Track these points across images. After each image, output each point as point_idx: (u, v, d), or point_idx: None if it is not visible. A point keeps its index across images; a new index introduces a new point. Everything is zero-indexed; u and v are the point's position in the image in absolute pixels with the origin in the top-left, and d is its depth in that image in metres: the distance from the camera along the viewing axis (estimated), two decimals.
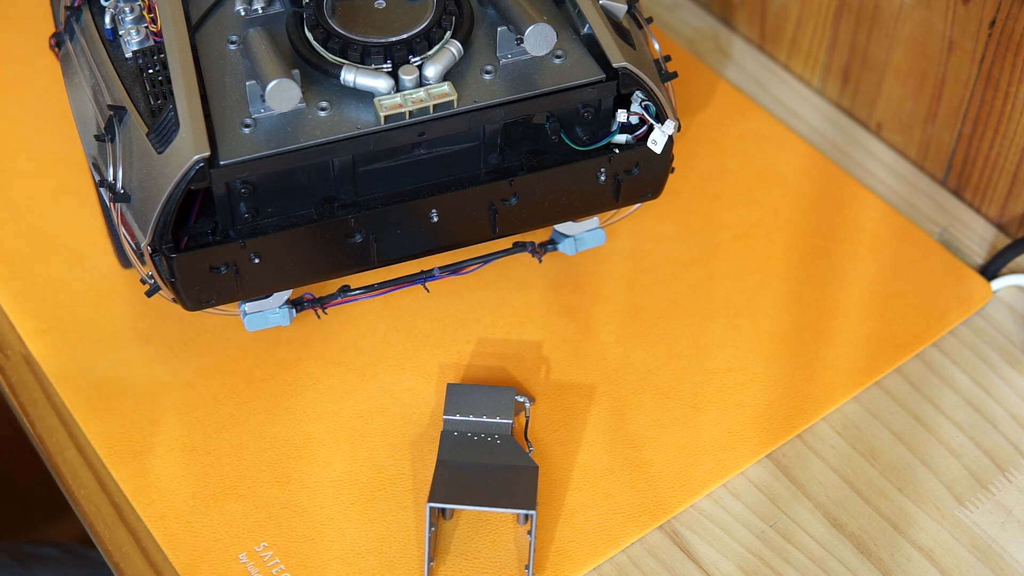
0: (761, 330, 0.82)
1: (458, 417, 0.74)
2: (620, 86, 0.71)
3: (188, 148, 0.65)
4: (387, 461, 0.75)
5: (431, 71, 0.69)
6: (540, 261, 0.83)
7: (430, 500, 0.69)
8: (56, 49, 0.77)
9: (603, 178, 0.74)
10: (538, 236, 0.81)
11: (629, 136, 0.74)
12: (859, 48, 0.93)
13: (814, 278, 0.85)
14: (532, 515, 0.69)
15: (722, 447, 0.76)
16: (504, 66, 0.71)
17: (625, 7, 0.75)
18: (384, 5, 0.72)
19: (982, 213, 0.90)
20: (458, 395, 0.75)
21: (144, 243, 0.67)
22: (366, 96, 0.69)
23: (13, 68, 0.95)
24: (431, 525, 0.69)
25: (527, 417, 0.76)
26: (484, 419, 0.73)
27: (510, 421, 0.73)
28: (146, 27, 0.72)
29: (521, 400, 0.76)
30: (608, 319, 0.82)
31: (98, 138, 0.70)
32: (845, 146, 0.94)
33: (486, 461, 0.72)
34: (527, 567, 0.70)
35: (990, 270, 0.86)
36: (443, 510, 0.71)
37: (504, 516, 0.72)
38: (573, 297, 0.83)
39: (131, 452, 0.74)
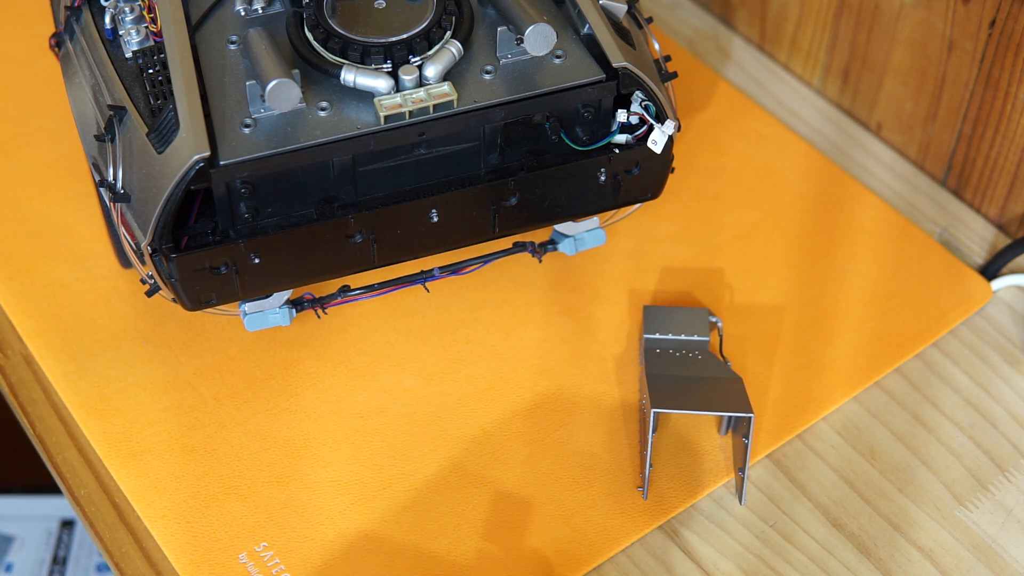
0: (761, 330, 0.82)
1: (657, 336, 0.78)
2: (620, 86, 0.71)
3: (188, 148, 0.65)
4: (387, 461, 0.75)
5: (431, 71, 0.69)
6: (540, 261, 0.83)
7: (654, 406, 0.72)
8: (56, 49, 0.77)
9: (603, 178, 0.74)
10: (538, 236, 0.81)
11: (629, 136, 0.74)
12: (859, 48, 0.93)
13: (814, 278, 0.85)
14: (751, 418, 0.72)
15: (722, 447, 0.76)
16: (504, 66, 0.71)
17: (625, 7, 0.75)
18: (384, 5, 0.72)
19: (982, 213, 0.90)
20: (654, 316, 0.79)
21: (144, 243, 0.67)
22: (366, 96, 0.69)
23: (13, 68, 0.95)
24: (653, 430, 0.72)
25: (720, 336, 0.80)
26: (683, 337, 0.77)
27: (707, 338, 0.78)
28: (146, 27, 0.72)
29: (714, 320, 0.79)
30: (608, 319, 0.82)
31: (98, 138, 0.70)
32: (845, 146, 0.94)
33: (692, 374, 0.75)
34: (741, 469, 0.73)
35: (990, 270, 0.86)
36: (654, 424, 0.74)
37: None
38: (573, 297, 0.83)
39: (131, 452, 0.74)
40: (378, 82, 0.68)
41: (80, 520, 0.74)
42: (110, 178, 0.69)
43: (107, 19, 0.73)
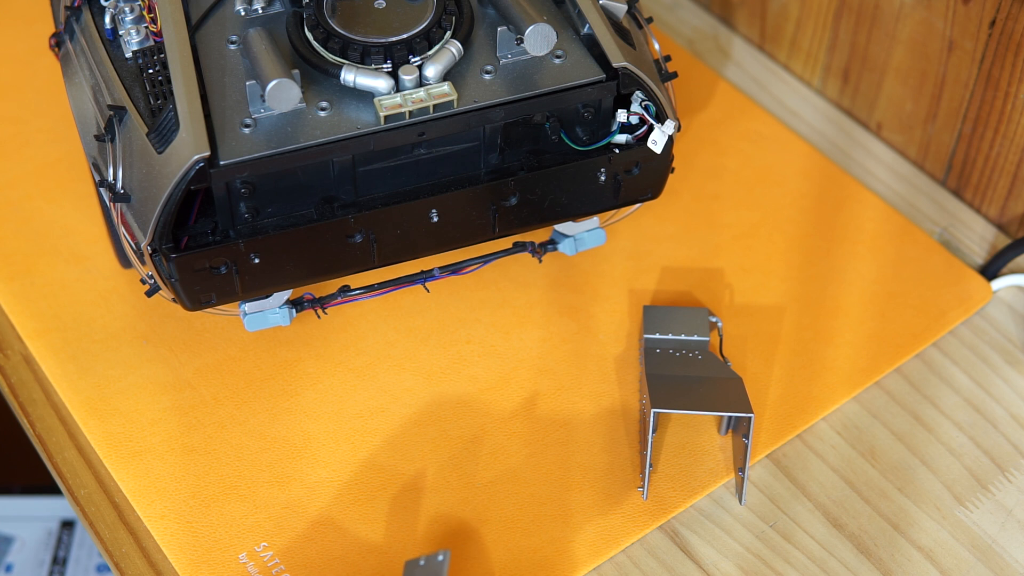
0: (761, 330, 0.82)
1: (657, 336, 0.78)
2: (620, 86, 0.71)
3: (188, 148, 0.65)
4: (387, 461, 0.75)
5: (431, 71, 0.69)
6: (540, 261, 0.83)
7: (654, 406, 0.72)
8: (56, 49, 0.77)
9: (603, 178, 0.74)
10: (538, 236, 0.81)
11: (629, 136, 0.74)
12: (859, 48, 0.93)
13: (814, 278, 0.85)
14: (751, 418, 0.72)
15: (722, 447, 0.76)
16: (504, 66, 0.71)
17: (625, 7, 0.75)
18: (384, 5, 0.72)
19: (982, 213, 0.91)
20: (654, 316, 0.79)
21: (144, 243, 0.67)
22: (366, 96, 0.69)
23: (13, 68, 0.95)
24: (653, 431, 0.72)
25: (720, 336, 0.80)
26: (683, 337, 0.77)
27: (707, 338, 0.78)
28: (146, 27, 0.72)
29: (714, 320, 0.79)
30: (608, 319, 0.82)
31: (98, 138, 0.70)
32: (845, 146, 0.94)
33: (692, 374, 0.75)
34: (741, 469, 0.73)
35: (990, 270, 0.86)
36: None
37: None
38: (573, 297, 0.83)
39: (131, 452, 0.74)
40: (378, 82, 0.68)
41: (80, 520, 0.74)
42: (110, 178, 0.69)
43: (107, 19, 0.73)
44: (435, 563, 0.65)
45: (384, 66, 0.69)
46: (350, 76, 0.68)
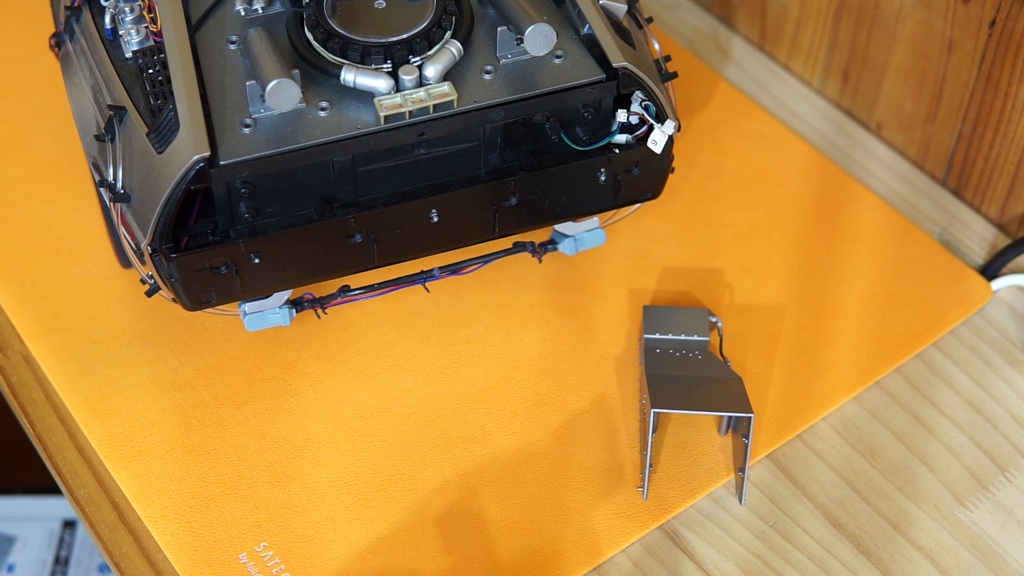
0: (761, 330, 0.82)
1: (657, 336, 0.78)
2: (620, 86, 0.71)
3: (188, 148, 0.65)
4: (387, 461, 0.75)
5: (431, 71, 0.69)
6: (540, 261, 0.83)
7: (654, 406, 0.72)
8: (56, 49, 0.77)
9: (603, 178, 0.74)
10: (538, 236, 0.81)
11: (629, 136, 0.74)
12: (859, 48, 0.93)
13: (814, 278, 0.85)
14: (751, 418, 0.72)
15: (722, 447, 0.76)
16: (504, 66, 0.71)
17: (625, 7, 0.75)
18: (384, 5, 0.72)
19: (982, 213, 0.91)
20: (654, 316, 0.79)
21: (144, 243, 0.67)
22: (366, 96, 0.69)
23: (13, 68, 0.95)
24: (653, 431, 0.73)
25: (720, 336, 0.80)
26: (683, 337, 0.77)
27: (707, 338, 0.78)
28: (146, 27, 0.72)
29: (714, 320, 0.79)
30: (608, 319, 0.82)
31: (98, 138, 0.70)
32: (845, 146, 0.94)
33: (692, 374, 0.75)
34: (741, 469, 0.73)
35: (990, 270, 0.86)
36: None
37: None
38: (573, 297, 0.83)
39: (131, 452, 0.74)
40: (378, 82, 0.68)
41: (80, 520, 0.74)
42: (110, 178, 0.69)
43: (107, 19, 0.73)
44: None
45: (384, 66, 0.69)
46: (350, 76, 0.68)
